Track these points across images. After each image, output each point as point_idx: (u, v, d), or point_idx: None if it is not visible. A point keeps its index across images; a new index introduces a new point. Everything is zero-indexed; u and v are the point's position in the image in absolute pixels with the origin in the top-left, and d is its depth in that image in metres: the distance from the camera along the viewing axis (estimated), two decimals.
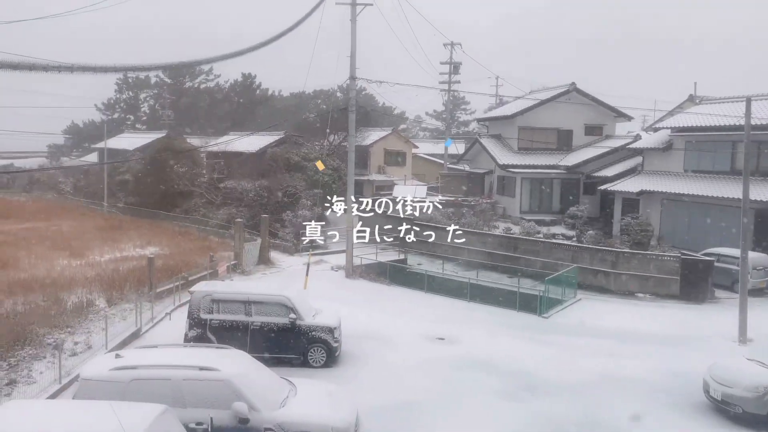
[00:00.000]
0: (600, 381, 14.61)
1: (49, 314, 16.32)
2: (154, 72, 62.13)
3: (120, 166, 46.34)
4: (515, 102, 42.89)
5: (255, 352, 13.54)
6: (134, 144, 54.06)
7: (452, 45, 47.84)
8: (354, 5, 24.50)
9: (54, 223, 35.11)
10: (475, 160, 44.16)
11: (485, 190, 41.39)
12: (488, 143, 40.56)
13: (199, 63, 26.69)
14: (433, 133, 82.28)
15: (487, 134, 43.89)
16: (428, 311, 20.79)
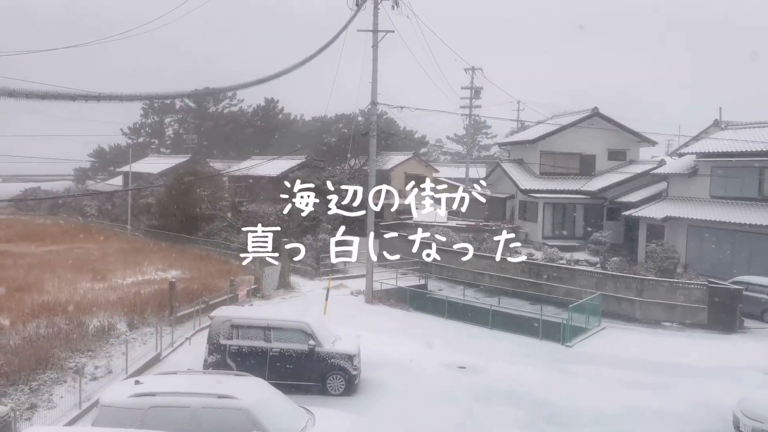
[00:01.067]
0: (626, 413, 14.19)
1: (71, 338, 16.40)
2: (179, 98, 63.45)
3: (144, 190, 47.05)
4: (537, 126, 42.78)
5: (274, 378, 13.43)
6: (158, 168, 54.94)
7: (473, 70, 48.10)
8: (375, 32, 24.76)
9: (78, 245, 35.61)
10: (496, 185, 43.96)
11: (507, 214, 41.10)
12: (510, 168, 40.38)
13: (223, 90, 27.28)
14: (453, 157, 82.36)
15: (509, 158, 43.74)
16: (449, 338, 20.50)
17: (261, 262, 25.90)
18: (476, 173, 51.13)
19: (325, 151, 49.58)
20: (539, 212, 36.54)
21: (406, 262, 30.82)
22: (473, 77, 48.37)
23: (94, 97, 14.64)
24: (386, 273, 28.57)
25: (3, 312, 18.89)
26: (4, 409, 11.42)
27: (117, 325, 18.40)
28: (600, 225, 35.79)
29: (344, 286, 27.67)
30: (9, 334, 16.50)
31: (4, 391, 12.75)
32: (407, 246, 32.17)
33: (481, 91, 48.88)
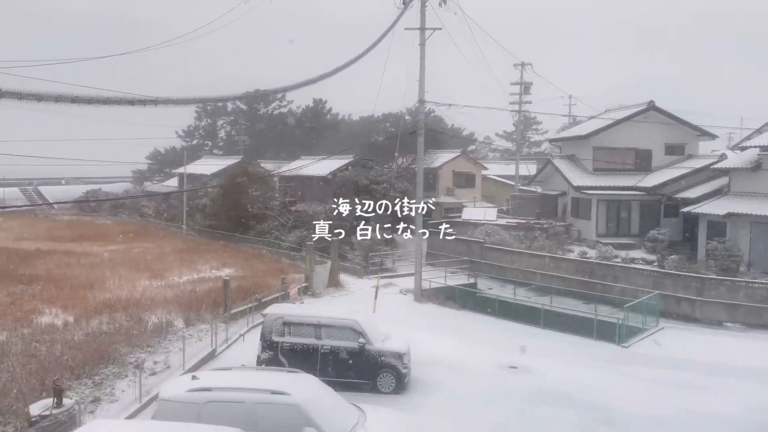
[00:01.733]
0: (685, 417, 13.69)
1: (131, 334, 17.05)
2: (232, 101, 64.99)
3: (198, 191, 48.37)
4: (589, 122, 41.70)
5: (324, 376, 13.57)
6: (212, 169, 56.38)
7: (522, 65, 47.30)
8: (423, 30, 24.67)
9: (137, 245, 36.95)
10: (547, 182, 43.11)
11: (558, 212, 40.27)
12: (561, 164, 39.53)
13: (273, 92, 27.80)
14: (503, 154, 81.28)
15: (560, 155, 42.81)
16: (500, 338, 20.26)
17: (311, 261, 26.25)
18: (526, 170, 50.37)
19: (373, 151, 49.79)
20: (593, 209, 35.62)
21: (455, 260, 30.66)
22: (522, 72, 47.59)
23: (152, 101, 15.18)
24: (435, 272, 28.46)
25: (68, 309, 19.80)
26: (69, 402, 11.95)
27: (174, 322, 19.01)
28: (657, 222, 34.61)
29: (393, 285, 27.72)
30: (74, 329, 17.29)
31: (69, 385, 13.33)
32: (455, 245, 32.01)
33: (531, 87, 48.03)
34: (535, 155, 70.48)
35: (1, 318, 18.37)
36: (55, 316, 19.07)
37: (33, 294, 21.87)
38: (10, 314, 18.82)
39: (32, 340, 16.01)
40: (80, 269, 27.22)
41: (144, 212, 54.42)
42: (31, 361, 14.12)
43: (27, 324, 17.79)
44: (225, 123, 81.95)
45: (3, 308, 19.58)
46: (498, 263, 29.87)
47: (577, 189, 36.28)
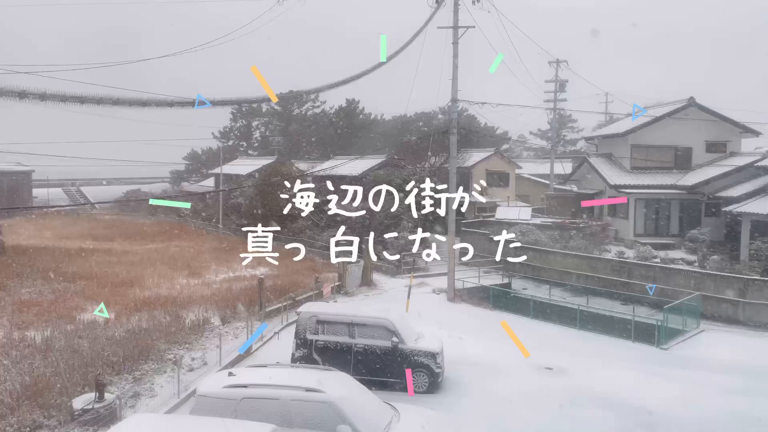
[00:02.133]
0: (728, 421, 13.30)
1: (169, 331, 17.42)
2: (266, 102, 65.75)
3: (234, 191, 49.10)
4: (627, 119, 40.86)
5: (358, 374, 13.62)
6: (247, 169, 57.14)
7: (557, 62, 46.62)
8: (456, 28, 24.54)
9: (175, 244, 37.69)
10: (583, 181, 42.41)
11: (595, 211, 39.58)
12: (598, 162, 38.84)
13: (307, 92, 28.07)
14: (537, 153, 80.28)
15: (597, 153, 42.08)
16: (534, 339, 19.96)
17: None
18: (562, 169, 49.65)
19: (406, 150, 49.72)
20: (630, 209, 34.90)
21: (488, 260, 30.39)
22: (557, 70, 46.90)
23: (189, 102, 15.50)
24: (468, 271, 28.27)
25: (109, 306, 20.31)
26: (111, 396, 12.29)
27: (211, 319, 19.34)
28: (697, 222, 33.72)
29: (426, 284, 27.66)
30: (115, 326, 17.74)
31: (110, 380, 13.69)
32: (489, 244, 31.70)
33: (567, 84, 47.30)
34: (571, 154, 69.38)
35: (45, 314, 18.96)
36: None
37: (76, 291, 22.51)
38: (54, 311, 19.42)
39: (75, 335, 16.49)
40: (121, 267, 27.90)
41: (181, 212, 55.46)
42: (74, 357, 14.54)
43: (70, 320, 18.34)
44: (260, 124, 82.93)
45: (47, 305, 20.21)
46: (533, 263, 29.50)
47: (615, 188, 35.60)
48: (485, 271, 28.49)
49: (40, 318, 18.49)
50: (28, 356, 14.61)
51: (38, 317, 18.59)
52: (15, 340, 16.04)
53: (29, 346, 15.49)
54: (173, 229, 46.55)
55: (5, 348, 15.27)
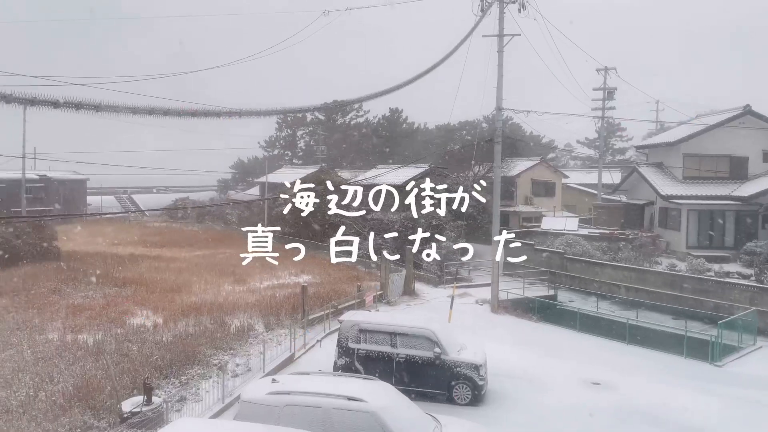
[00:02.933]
0: None
1: (215, 336, 17.71)
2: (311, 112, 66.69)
3: (278, 199, 49.80)
4: (679, 128, 39.67)
5: (399, 384, 13.52)
6: (291, 178, 57.79)
7: (606, 70, 45.68)
8: (501, 37, 24.35)
9: (221, 251, 38.45)
10: (632, 191, 41.30)
11: (645, 222, 38.46)
12: (648, 172, 37.77)
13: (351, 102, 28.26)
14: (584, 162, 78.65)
15: (647, 162, 40.93)
16: (581, 352, 19.51)
17: (386, 269, 26.35)
18: (610, 178, 48.42)
19: (449, 159, 49.49)
20: (682, 220, 33.77)
21: (533, 271, 29.89)
22: (606, 77, 45.93)
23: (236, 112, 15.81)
24: (512, 282, 27.86)
25: (158, 311, 20.83)
26: (158, 400, 12.53)
27: (255, 326, 19.58)
28: (754, 234, 32.32)
29: (468, 295, 27.35)
30: (162, 331, 18.16)
31: (158, 383, 13.98)
32: (534, 255, 31.18)
33: (615, 92, 46.23)
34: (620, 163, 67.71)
35: (97, 318, 19.56)
36: (146, 317, 20.10)
37: (126, 296, 23.17)
38: (105, 315, 20.02)
39: (125, 339, 16.94)
40: (169, 273, 28.60)
41: (228, 219, 56.63)
42: (123, 360, 14.94)
43: (120, 324, 18.86)
44: (304, 133, 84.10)
45: (99, 309, 20.85)
46: (579, 275, 28.85)
47: (666, 198, 34.53)
48: (530, 282, 28.00)
49: (92, 322, 19.08)
50: (80, 359, 15.09)
51: (90, 321, 19.20)
52: (68, 342, 16.59)
53: (81, 348, 15.99)
54: (219, 236, 47.53)
55: (59, 350, 15.80)
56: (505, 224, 37.52)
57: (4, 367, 14.27)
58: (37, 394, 12.78)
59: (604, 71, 45.81)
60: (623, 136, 79.05)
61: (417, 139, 74.92)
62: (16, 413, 11.88)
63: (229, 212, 58.17)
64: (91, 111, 13.24)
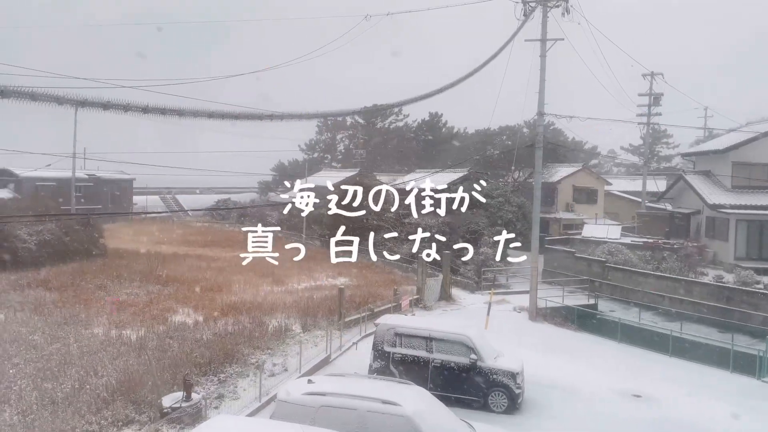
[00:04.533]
0: None
1: (253, 336, 17.98)
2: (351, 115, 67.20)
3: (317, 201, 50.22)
4: (728, 135, 38.41)
5: (434, 389, 13.47)
6: (330, 181, 58.32)
7: (652, 75, 44.59)
8: (544, 41, 24.05)
9: None
10: (678, 199, 40.17)
11: (691, 232, 37.34)
12: (695, 180, 36.68)
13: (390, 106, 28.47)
14: (628, 169, 76.86)
15: (694, 170, 39.76)
16: (621, 364, 19.04)
17: (423, 273, 26.29)
18: (655, 186, 47.20)
19: (489, 164, 49.08)
20: (731, 230, 32.66)
21: (573, 279, 29.36)
22: (652, 82, 44.83)
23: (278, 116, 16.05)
24: (551, 290, 27.41)
25: (198, 309, 21.28)
26: (197, 396, 12.80)
27: (292, 327, 19.80)
28: None
29: (506, 302, 27.03)
30: (202, 329, 18.53)
31: (197, 380, 14.27)
32: (574, 263, 30.63)
33: (662, 98, 45.08)
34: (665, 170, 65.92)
35: (140, 315, 20.12)
36: (187, 315, 20.57)
37: (168, 294, 23.75)
38: (148, 312, 20.56)
39: (166, 336, 17.36)
40: (210, 272, 29.19)
41: (268, 221, 57.42)
42: (164, 356, 15.31)
43: (162, 321, 19.34)
44: (344, 137, 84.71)
45: (142, 306, 21.44)
46: (621, 284, 28.18)
47: (713, 207, 33.47)
48: (569, 291, 27.50)
49: (135, 318, 19.63)
50: (123, 354, 15.53)
51: (134, 317, 19.75)
52: (113, 338, 17.09)
53: (125, 344, 16.46)
54: None
55: (104, 345, 16.30)
56: (545, 231, 36.97)
57: (52, 360, 14.80)
58: (82, 387, 13.20)
59: (651, 76, 44.73)
60: (669, 143, 77.01)
61: (456, 143, 74.58)
62: (62, 405, 12.29)
63: (269, 214, 58.95)
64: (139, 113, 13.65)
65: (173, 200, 74.08)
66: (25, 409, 12.00)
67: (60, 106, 12.88)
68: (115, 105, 13.60)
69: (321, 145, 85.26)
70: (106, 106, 13.55)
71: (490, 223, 35.59)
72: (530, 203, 29.30)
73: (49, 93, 12.63)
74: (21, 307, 20.42)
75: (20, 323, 18.18)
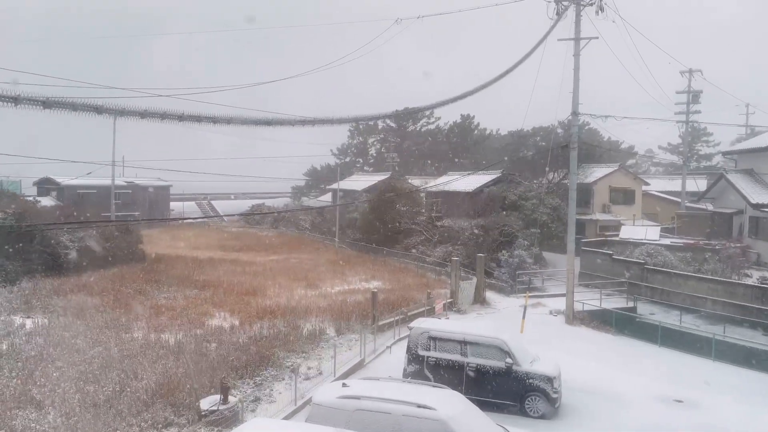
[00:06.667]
0: None
1: (288, 339, 18.12)
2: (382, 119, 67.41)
3: (350, 205, 50.50)
4: None
5: (469, 393, 13.32)
6: (362, 185, 58.60)
7: (690, 72, 43.50)
8: (578, 40, 23.68)
9: (294, 256, 39.36)
10: (719, 199, 39.03)
11: (733, 232, 36.22)
12: (737, 179, 35.59)
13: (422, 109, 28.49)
14: (667, 169, 75.09)
15: (735, 169, 38.58)
16: (662, 368, 18.55)
17: (457, 276, 26.11)
18: (695, 186, 45.98)
19: (522, 165, 48.54)
20: None
21: (610, 282, 28.77)
22: (690, 80, 43.72)
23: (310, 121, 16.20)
24: (588, 293, 26.92)
25: (234, 313, 21.55)
26: (234, 399, 12.95)
27: (326, 330, 19.88)
28: None
29: (542, 305, 26.65)
30: (239, 332, 18.76)
31: (234, 384, 14.44)
32: (612, 265, 30.01)
33: (701, 95, 43.91)
34: (705, 170, 64.16)
35: (178, 318, 20.47)
36: (223, 319, 20.85)
37: (205, 298, 24.12)
38: (186, 316, 20.91)
39: (203, 340, 17.62)
40: (245, 277, 29.55)
41: (301, 225, 57.93)
42: (202, 360, 15.53)
43: (199, 325, 19.64)
44: (375, 141, 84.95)
45: (180, 310, 21.82)
46: (661, 287, 27.47)
47: (757, 207, 32.40)
48: (607, 294, 26.95)
49: (173, 322, 19.99)
50: (162, 357, 15.82)
51: (172, 321, 20.11)
52: (152, 341, 17.43)
53: (163, 347, 16.77)
54: (293, 241, 48.68)
55: (143, 348, 16.63)
56: (581, 233, 36.34)
57: (93, 363, 15.16)
58: (123, 390, 13.49)
59: (689, 73, 43.67)
60: (709, 142, 74.97)
61: (489, 145, 74.04)
62: (104, 407, 12.58)
63: (303, 218, 59.46)
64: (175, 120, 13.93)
65: (209, 206, 75.37)
66: (68, 411, 12.31)
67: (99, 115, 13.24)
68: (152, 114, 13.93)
69: (353, 150, 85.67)
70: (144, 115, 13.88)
71: (524, 225, 35.17)
72: (565, 205, 28.83)
73: (89, 103, 12.99)
74: (64, 311, 21.00)
75: (63, 327, 18.69)
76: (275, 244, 45.88)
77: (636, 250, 31.03)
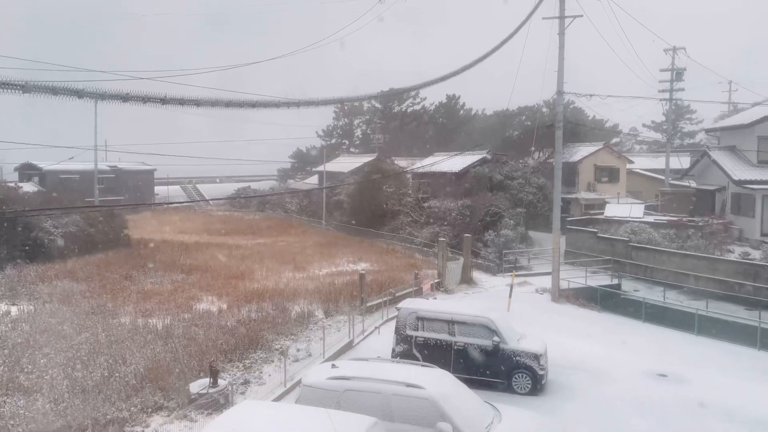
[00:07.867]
0: None
1: (276, 322, 18.17)
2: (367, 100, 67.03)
3: (336, 188, 50.38)
4: (753, 109, 37.51)
5: (457, 372, 13.45)
6: (349, 167, 58.43)
7: (674, 50, 43.64)
8: (562, 18, 23.63)
9: (281, 239, 39.30)
10: (702, 176, 39.47)
11: (716, 209, 36.71)
12: (719, 156, 35.96)
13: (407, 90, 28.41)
14: (651, 147, 75.62)
15: (718, 146, 38.97)
16: (646, 343, 18.88)
17: (444, 257, 26.24)
18: (678, 163, 46.43)
19: (508, 145, 48.63)
20: (757, 206, 32.01)
21: (596, 259, 29.11)
22: (674, 57, 43.89)
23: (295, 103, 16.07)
24: (573, 271, 27.23)
25: (222, 297, 21.54)
26: (224, 382, 12.99)
27: (315, 312, 19.95)
28: None
29: (528, 283, 26.92)
30: (227, 316, 18.77)
31: (223, 367, 14.47)
32: (597, 243, 30.35)
33: (684, 73, 44.13)
34: (689, 147, 64.73)
35: (165, 303, 20.42)
36: (211, 303, 20.84)
37: (192, 282, 24.06)
38: (173, 300, 20.86)
39: (192, 324, 17.61)
40: (232, 260, 29.49)
41: (287, 208, 57.76)
42: (190, 344, 15.54)
43: (187, 309, 19.62)
44: (361, 122, 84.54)
45: (167, 295, 21.75)
46: (645, 264, 27.86)
47: (739, 183, 32.83)
48: (592, 271, 27.29)
49: (160, 306, 19.94)
50: (150, 342, 15.80)
51: (159, 306, 20.06)
52: (139, 326, 17.39)
53: (152, 332, 16.74)
54: (280, 224, 48.57)
55: (131, 333, 16.60)
56: (566, 211, 36.63)
57: (81, 349, 15.10)
58: (112, 375, 13.48)
59: (673, 51, 43.80)
60: (693, 119, 75.53)
61: (475, 125, 73.96)
62: (92, 393, 12.57)
63: (289, 201, 59.27)
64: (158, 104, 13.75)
65: (194, 190, 74.78)
66: (57, 397, 12.29)
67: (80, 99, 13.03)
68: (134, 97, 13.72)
69: (339, 131, 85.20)
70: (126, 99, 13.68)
71: (510, 204, 35.35)
72: (551, 184, 29.01)
73: (69, 87, 12.76)
74: (49, 298, 20.85)
75: (49, 314, 18.57)
76: (262, 228, 45.75)
77: (620, 227, 31.38)
